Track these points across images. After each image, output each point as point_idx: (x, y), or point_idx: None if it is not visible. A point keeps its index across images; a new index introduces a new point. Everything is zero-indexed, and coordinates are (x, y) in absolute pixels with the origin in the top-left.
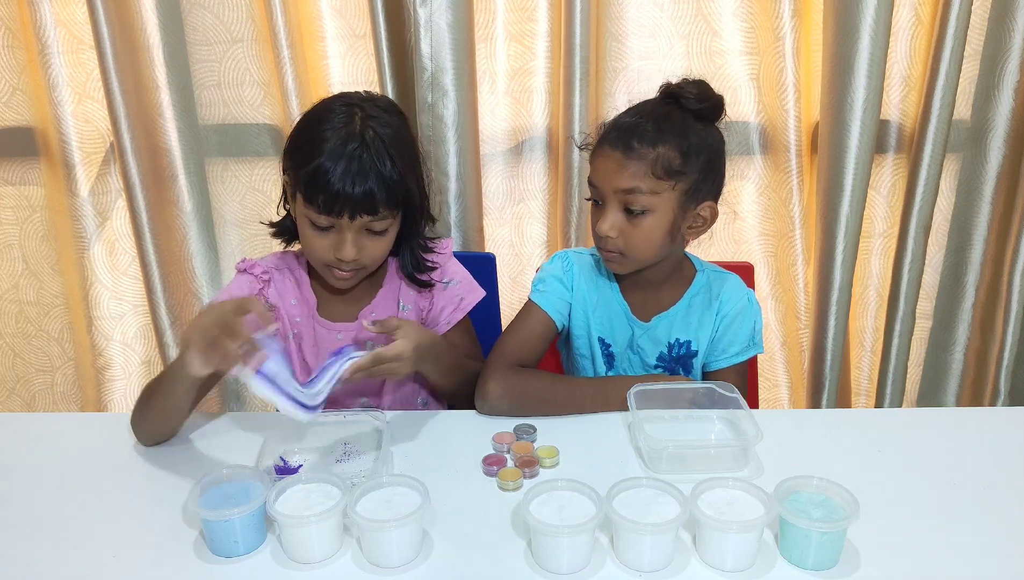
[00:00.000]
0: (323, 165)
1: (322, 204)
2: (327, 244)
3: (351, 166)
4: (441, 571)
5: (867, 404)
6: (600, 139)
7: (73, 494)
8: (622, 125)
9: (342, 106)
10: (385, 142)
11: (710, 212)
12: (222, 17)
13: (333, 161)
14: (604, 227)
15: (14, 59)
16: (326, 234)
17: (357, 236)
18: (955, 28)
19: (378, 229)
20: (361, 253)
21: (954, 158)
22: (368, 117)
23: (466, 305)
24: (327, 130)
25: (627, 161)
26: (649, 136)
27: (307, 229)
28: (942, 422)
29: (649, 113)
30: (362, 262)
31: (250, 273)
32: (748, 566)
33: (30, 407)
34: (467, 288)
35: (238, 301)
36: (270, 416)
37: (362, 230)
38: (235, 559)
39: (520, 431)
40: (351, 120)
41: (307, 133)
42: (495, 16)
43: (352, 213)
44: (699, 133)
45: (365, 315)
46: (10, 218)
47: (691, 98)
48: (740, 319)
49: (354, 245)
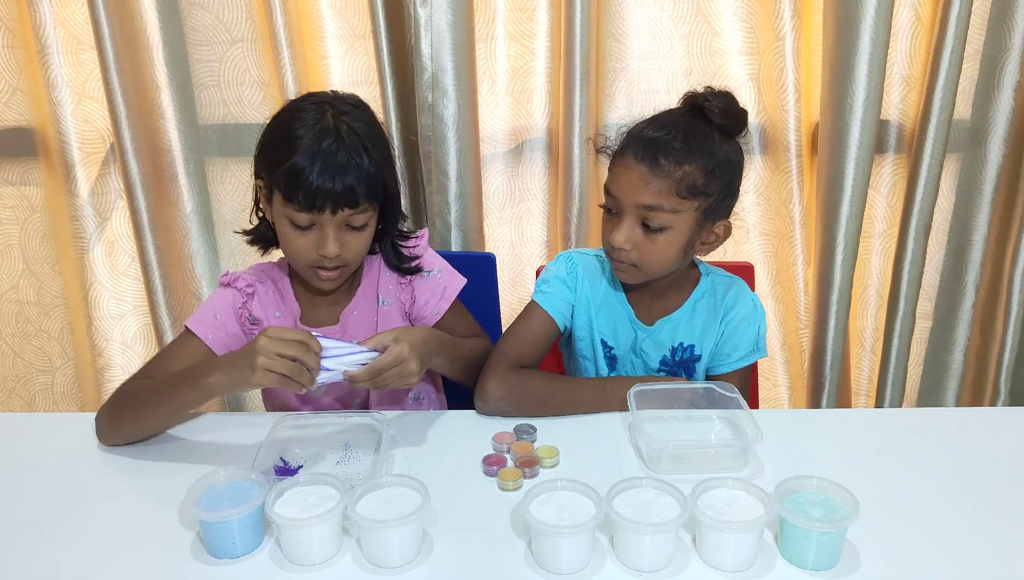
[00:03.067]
0: (300, 162)
1: (302, 201)
2: (309, 243)
3: (329, 160)
4: (441, 571)
5: (867, 404)
6: (622, 148)
7: (72, 494)
8: (648, 138)
9: (311, 104)
10: (360, 136)
11: (724, 229)
12: (222, 17)
13: (310, 157)
14: (619, 239)
15: (14, 59)
16: (307, 233)
17: (338, 232)
18: (955, 28)
19: (358, 224)
20: (344, 249)
21: (954, 158)
22: (340, 113)
23: (450, 293)
24: (300, 128)
25: (652, 177)
26: (676, 154)
27: (287, 230)
28: (942, 422)
29: (677, 127)
30: (345, 259)
31: (234, 287)
32: (748, 566)
33: (30, 407)
34: (448, 277)
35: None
36: (270, 416)
37: (342, 226)
38: (233, 560)
39: (520, 431)
40: (323, 116)
41: (279, 132)
42: (495, 16)
43: (334, 207)
44: (724, 151)
45: (346, 315)
46: (10, 218)
47: (717, 113)
48: (745, 325)
49: (336, 241)
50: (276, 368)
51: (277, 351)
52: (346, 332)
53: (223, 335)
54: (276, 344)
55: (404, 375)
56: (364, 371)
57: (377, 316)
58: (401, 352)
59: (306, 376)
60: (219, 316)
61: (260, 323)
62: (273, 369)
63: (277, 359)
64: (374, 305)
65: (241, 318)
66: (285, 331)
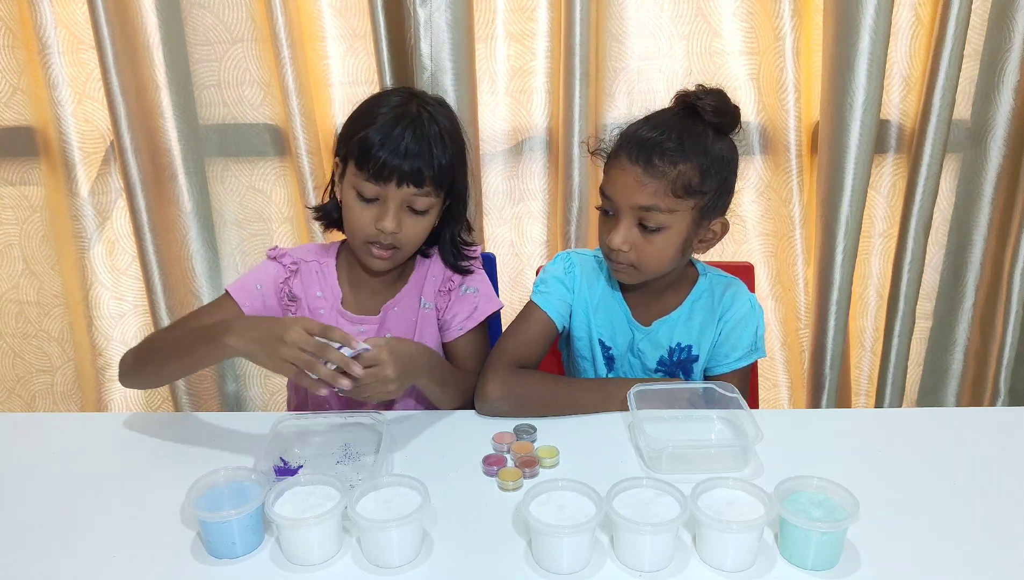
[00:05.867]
0: (377, 132)
1: (372, 169)
2: (370, 216)
3: (405, 136)
4: (441, 571)
5: (867, 404)
6: (616, 149)
7: (72, 494)
8: (642, 139)
9: (400, 92)
10: (440, 127)
11: (721, 227)
12: (222, 17)
13: (388, 129)
14: (617, 241)
15: (14, 59)
16: (370, 206)
17: (399, 210)
18: (955, 28)
19: (420, 208)
20: (401, 229)
21: (954, 158)
22: (425, 104)
23: (479, 315)
24: (383, 108)
25: (647, 178)
26: (670, 154)
27: (352, 201)
28: (942, 422)
29: (670, 127)
30: (400, 240)
31: (279, 261)
32: (748, 566)
33: (30, 407)
34: (484, 298)
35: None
36: (270, 416)
37: (404, 205)
38: (233, 560)
39: (520, 431)
40: (408, 102)
41: (364, 108)
42: (495, 16)
43: (400, 181)
44: (718, 149)
45: (388, 309)
46: (10, 218)
47: (709, 111)
48: (743, 325)
49: (395, 218)
50: (299, 362)
51: (302, 345)
52: (384, 325)
53: (260, 306)
54: (307, 342)
55: (380, 380)
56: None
57: (417, 316)
58: (378, 355)
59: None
60: (260, 286)
61: (298, 301)
62: (296, 362)
63: (302, 354)
64: (416, 305)
65: (281, 293)
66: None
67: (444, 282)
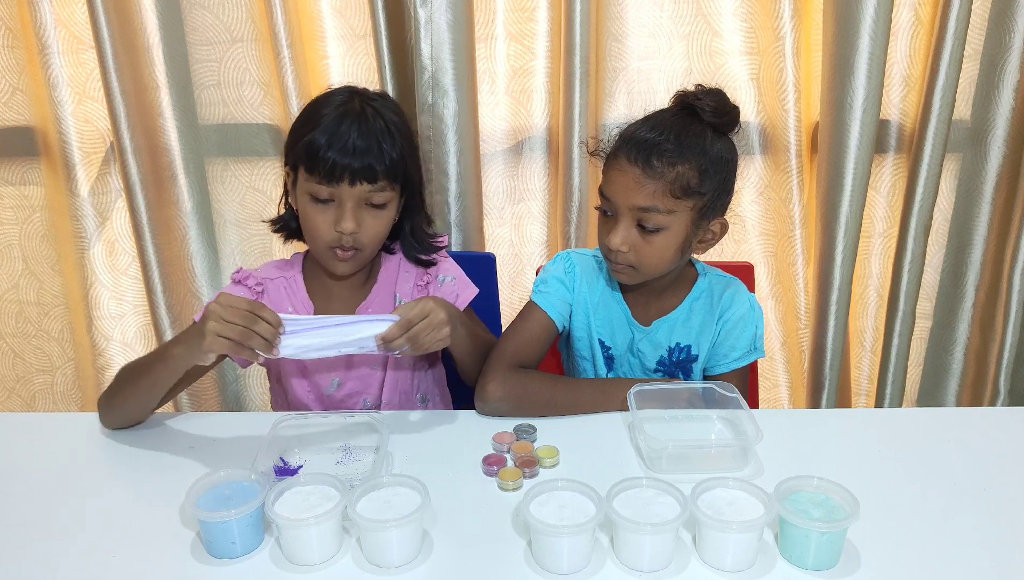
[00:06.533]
0: (323, 132)
1: (323, 171)
2: (328, 220)
3: (352, 134)
4: (441, 571)
5: (867, 404)
6: (615, 150)
7: (72, 494)
8: (641, 140)
9: (341, 91)
10: (385, 120)
11: (720, 227)
12: (222, 17)
13: (333, 127)
14: (616, 241)
15: (14, 59)
16: (326, 209)
17: (356, 209)
18: (955, 28)
19: (377, 202)
20: (361, 227)
21: (954, 158)
22: (368, 99)
23: (462, 302)
24: (326, 108)
25: (646, 179)
26: (669, 155)
27: (308, 207)
28: (942, 422)
29: (668, 128)
30: (361, 240)
31: (244, 284)
32: (748, 566)
33: (30, 407)
34: (462, 285)
35: (250, 301)
36: (270, 416)
37: (361, 203)
38: (233, 560)
39: (520, 431)
40: (351, 100)
41: (307, 112)
42: (495, 16)
43: (352, 179)
44: (717, 149)
45: (362, 311)
46: (10, 218)
47: (708, 111)
48: (742, 325)
49: (353, 217)
50: (226, 333)
51: (225, 317)
52: None
53: None
54: (225, 310)
55: (435, 326)
56: (396, 327)
57: None
58: (425, 305)
59: (258, 342)
60: None
61: None
62: (223, 334)
63: (227, 324)
64: (390, 303)
65: None
66: (235, 298)
67: (421, 276)
